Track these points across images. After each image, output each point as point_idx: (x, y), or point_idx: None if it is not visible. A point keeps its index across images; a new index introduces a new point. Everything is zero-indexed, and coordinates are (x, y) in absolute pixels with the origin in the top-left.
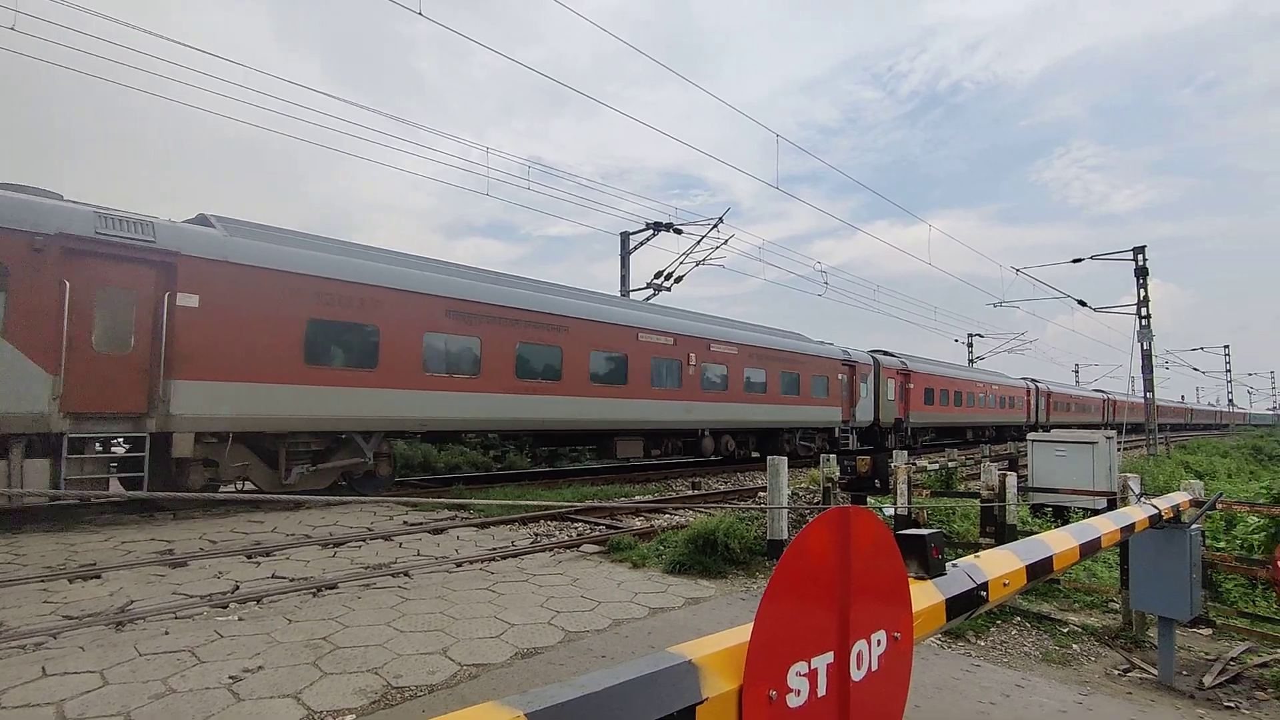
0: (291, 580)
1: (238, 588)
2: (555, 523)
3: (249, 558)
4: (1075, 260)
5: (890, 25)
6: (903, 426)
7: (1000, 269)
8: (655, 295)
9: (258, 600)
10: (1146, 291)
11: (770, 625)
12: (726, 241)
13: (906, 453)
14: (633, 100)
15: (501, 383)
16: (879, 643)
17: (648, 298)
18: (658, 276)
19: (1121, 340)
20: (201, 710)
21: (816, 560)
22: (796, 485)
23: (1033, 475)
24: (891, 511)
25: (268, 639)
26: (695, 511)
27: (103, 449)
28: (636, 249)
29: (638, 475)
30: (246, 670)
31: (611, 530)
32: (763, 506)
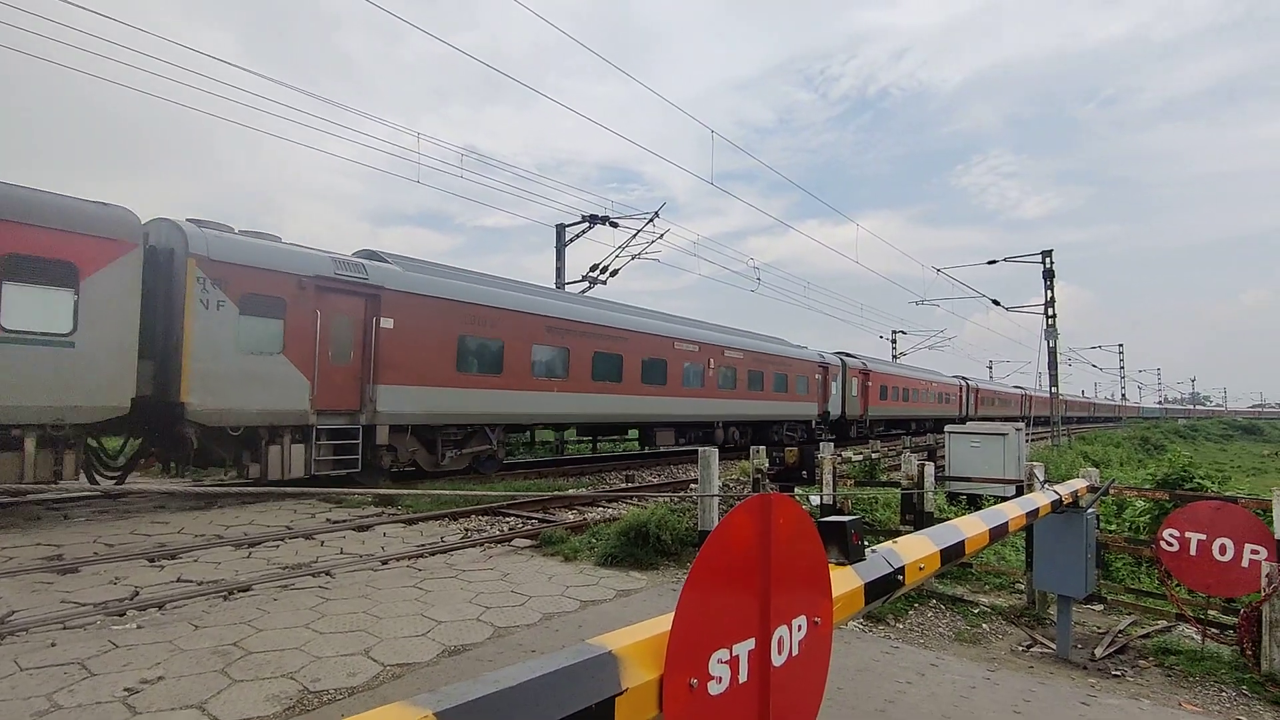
0: (199, 584)
1: (137, 593)
2: (487, 517)
3: (151, 561)
4: (990, 262)
5: (823, 29)
6: (864, 420)
7: (923, 269)
8: (590, 288)
9: (160, 606)
10: (1053, 292)
11: (692, 613)
12: (662, 236)
13: (832, 444)
14: (571, 92)
15: (583, 384)
16: (800, 628)
17: (583, 290)
18: (593, 270)
19: (1030, 338)
20: None
21: (738, 547)
22: (727, 477)
23: (950, 465)
24: (817, 501)
25: (170, 647)
26: (628, 504)
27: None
28: (572, 241)
29: (571, 469)
30: (145, 681)
31: (544, 524)
32: (694, 496)
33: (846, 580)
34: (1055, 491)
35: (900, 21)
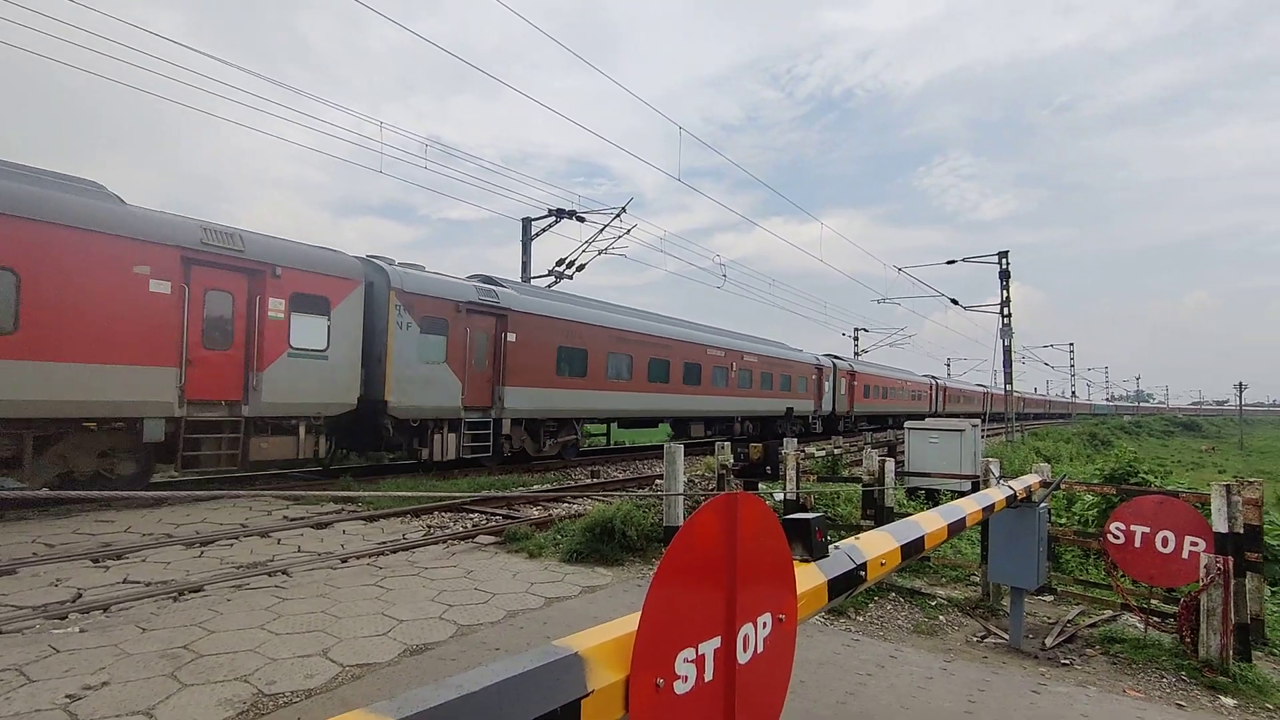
0: (147, 585)
1: (80, 595)
2: (450, 514)
3: (95, 561)
4: (950, 262)
5: (790, 29)
6: (850, 415)
7: (885, 268)
8: (557, 283)
9: (104, 609)
10: (1009, 292)
11: (658, 612)
12: (629, 231)
13: (796, 440)
14: (538, 85)
15: (640, 385)
16: (765, 625)
17: (550, 284)
18: (560, 264)
19: (986, 337)
20: None
21: (705, 546)
22: (692, 473)
23: (909, 460)
24: (781, 497)
25: (116, 651)
26: (593, 500)
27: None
28: (539, 235)
29: (537, 465)
30: (88, 687)
31: (508, 520)
32: (659, 492)
33: (810, 577)
34: (1010, 487)
35: (866, 23)
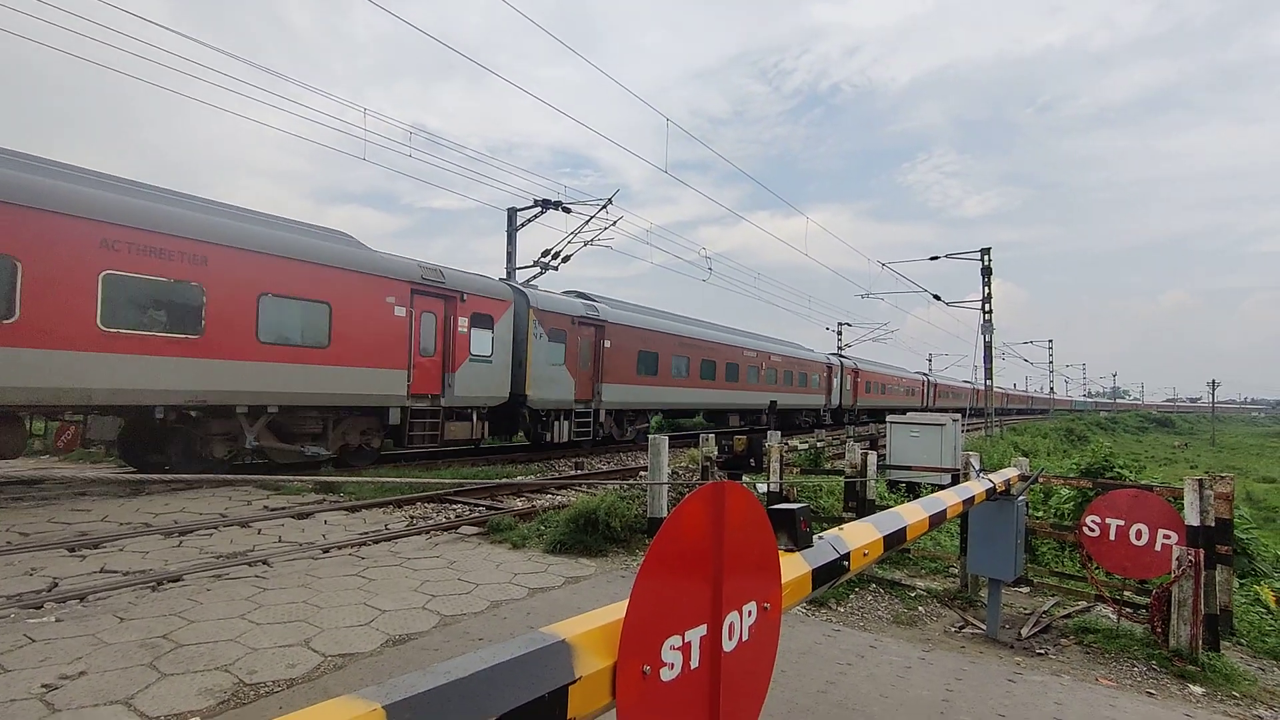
0: (125, 574)
1: (56, 585)
2: (433, 505)
3: (71, 550)
4: (933, 258)
5: (778, 23)
6: (854, 409)
7: (869, 263)
8: (542, 274)
9: (81, 598)
10: (990, 289)
11: (646, 600)
12: (616, 223)
13: (779, 433)
14: (524, 75)
15: (695, 382)
16: (750, 613)
17: (534, 276)
18: (545, 255)
19: (968, 332)
20: None
21: (692, 534)
22: (676, 464)
23: (890, 454)
24: (764, 489)
25: (94, 640)
26: (577, 491)
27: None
28: (524, 226)
29: (520, 456)
30: (65, 677)
31: (492, 511)
32: (644, 483)
33: (795, 566)
34: (990, 480)
35: (853, 19)
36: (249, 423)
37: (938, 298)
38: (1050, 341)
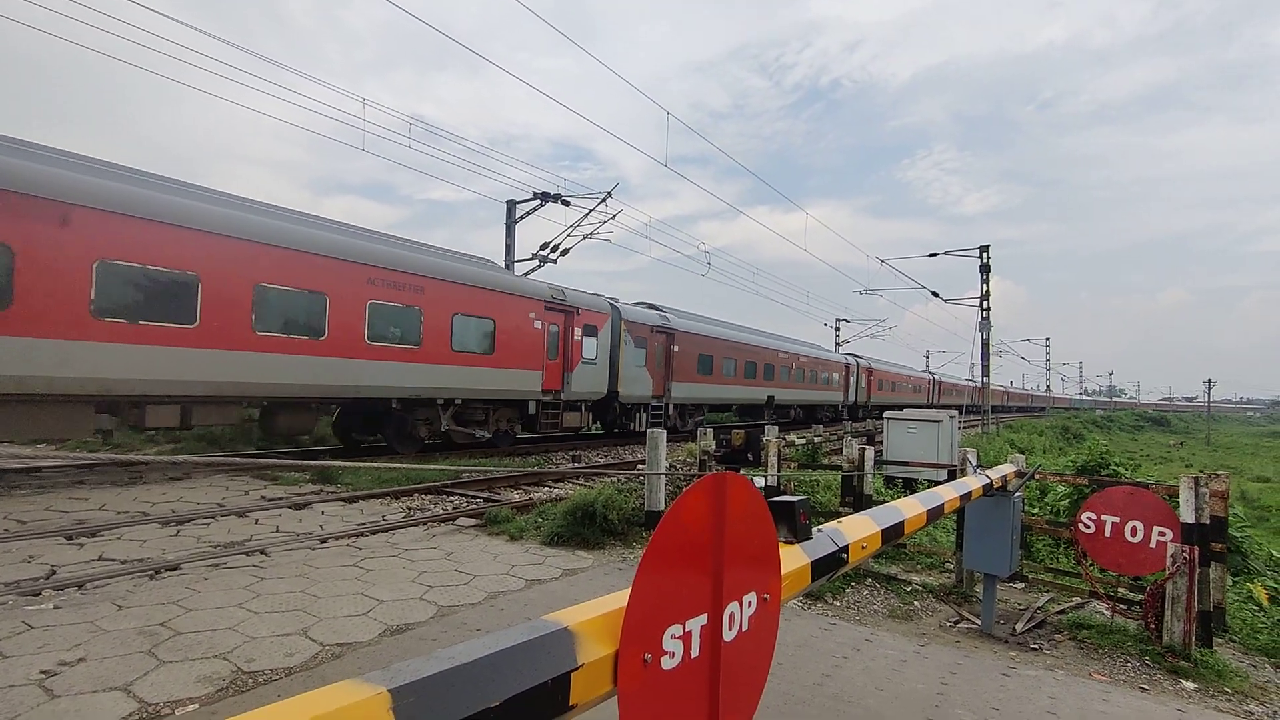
0: (123, 562)
1: (54, 572)
2: (430, 497)
3: (69, 539)
4: (932, 255)
5: (778, 17)
6: (868, 405)
7: (867, 259)
8: (540, 267)
9: (79, 586)
10: (989, 286)
11: (648, 588)
12: (615, 217)
13: (777, 428)
14: (522, 66)
15: (740, 380)
16: (750, 604)
17: (533, 269)
18: (543, 248)
19: (965, 329)
20: (4, 711)
21: (694, 524)
22: (674, 458)
23: (887, 449)
24: (762, 483)
25: (92, 628)
26: (575, 484)
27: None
28: (523, 218)
29: (519, 449)
30: (64, 664)
31: (489, 503)
32: (642, 474)
33: (795, 558)
34: (987, 476)
35: (854, 14)
36: (443, 411)
37: (936, 294)
38: (1047, 339)
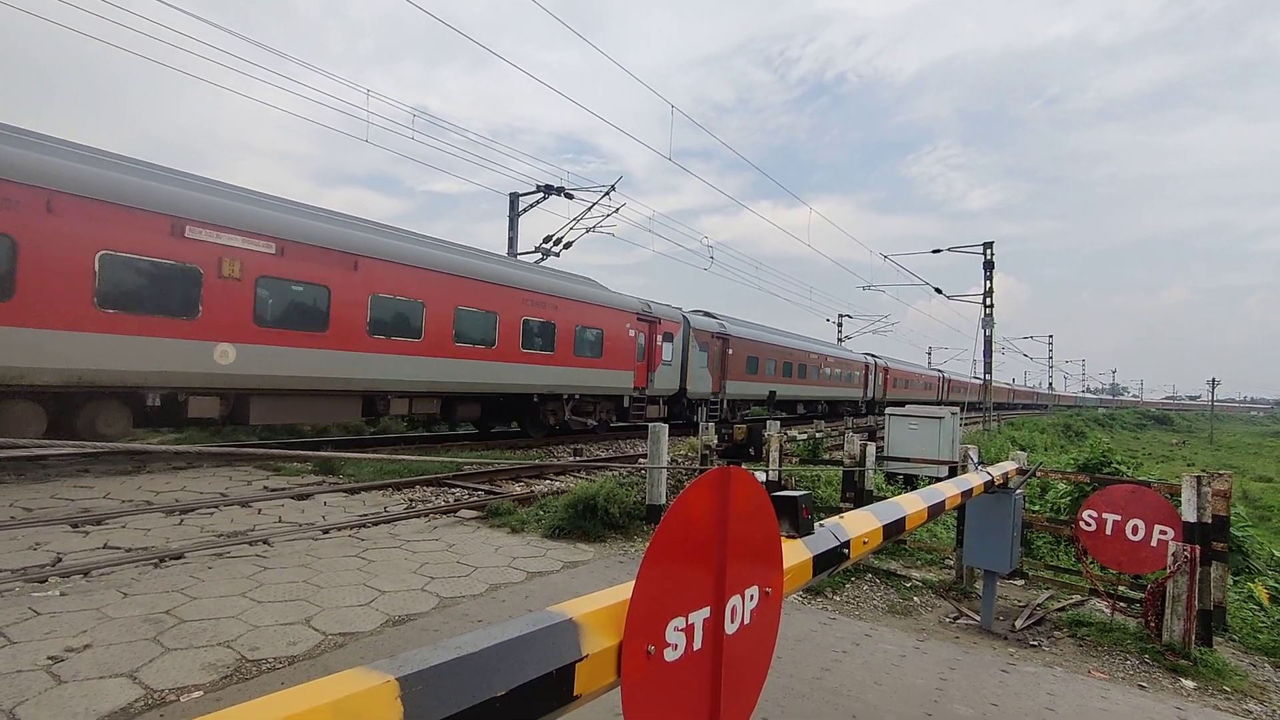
0: (128, 550)
1: (60, 560)
2: (432, 488)
3: (75, 526)
4: (935, 251)
5: (783, 10)
6: (884, 401)
7: (871, 254)
8: (544, 260)
9: (85, 573)
10: (992, 283)
11: (651, 581)
12: (618, 210)
13: (779, 424)
14: (527, 59)
15: (779, 379)
16: (752, 597)
17: (536, 262)
18: (547, 241)
19: (968, 326)
20: (12, 696)
21: (698, 518)
22: (675, 452)
23: (888, 446)
24: (763, 477)
25: (98, 615)
26: (576, 477)
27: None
28: (526, 211)
29: (520, 441)
30: (70, 650)
31: (490, 496)
32: (643, 467)
33: (797, 553)
34: (988, 473)
35: (860, 8)
36: (565, 404)
37: (939, 291)
38: (1050, 337)
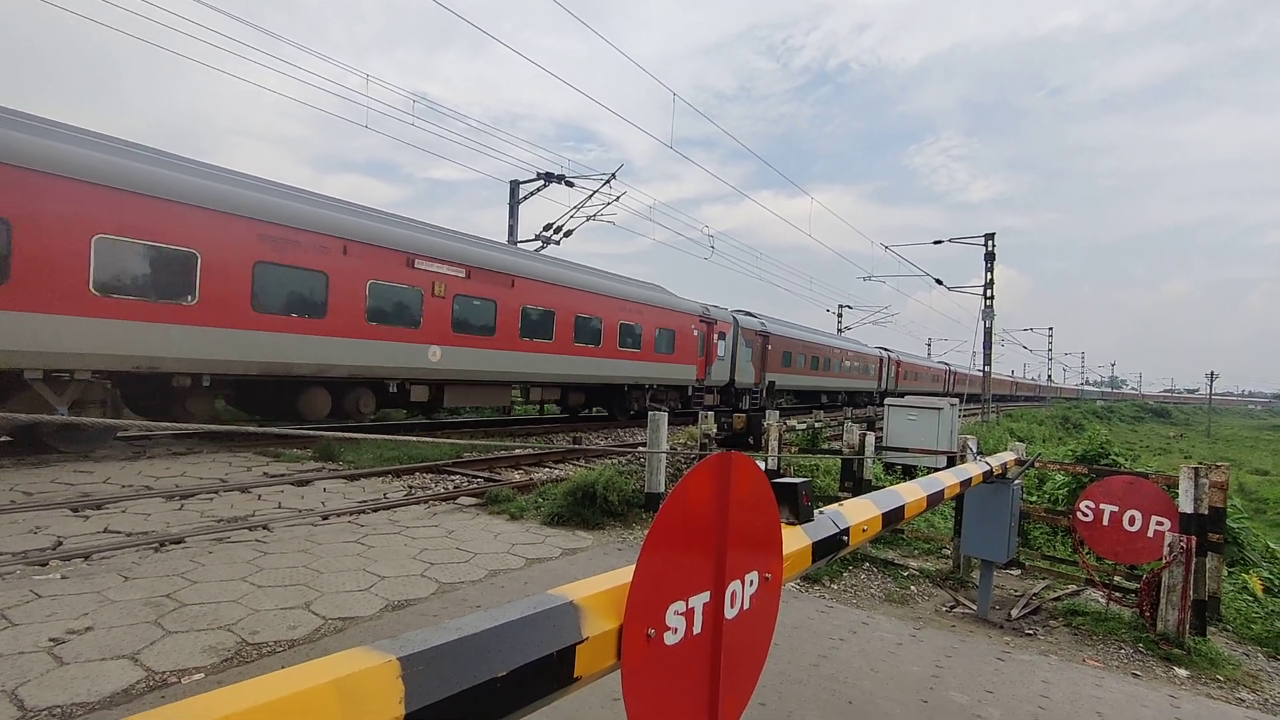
0: (129, 535)
1: (60, 543)
2: (431, 475)
3: (75, 511)
4: (936, 242)
5: None
6: (895, 392)
7: (872, 245)
8: (544, 248)
9: (85, 557)
10: (993, 274)
11: (652, 565)
12: (618, 199)
13: (778, 413)
14: (527, 45)
15: (807, 371)
16: (752, 583)
17: (536, 250)
18: (547, 229)
19: (968, 317)
20: (14, 677)
21: (699, 502)
22: (675, 441)
23: (888, 435)
24: (763, 466)
25: (99, 598)
26: (575, 465)
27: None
28: (526, 199)
29: (519, 429)
30: (72, 632)
31: (490, 483)
32: (642, 454)
33: (796, 539)
34: (987, 463)
35: None
36: (646, 393)
37: (940, 282)
38: (1050, 329)
